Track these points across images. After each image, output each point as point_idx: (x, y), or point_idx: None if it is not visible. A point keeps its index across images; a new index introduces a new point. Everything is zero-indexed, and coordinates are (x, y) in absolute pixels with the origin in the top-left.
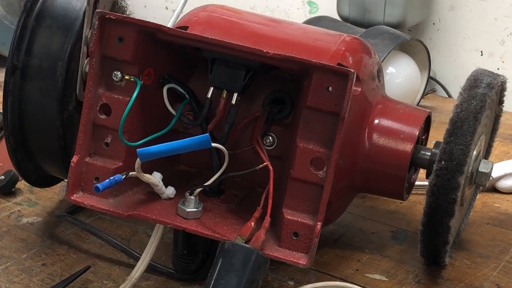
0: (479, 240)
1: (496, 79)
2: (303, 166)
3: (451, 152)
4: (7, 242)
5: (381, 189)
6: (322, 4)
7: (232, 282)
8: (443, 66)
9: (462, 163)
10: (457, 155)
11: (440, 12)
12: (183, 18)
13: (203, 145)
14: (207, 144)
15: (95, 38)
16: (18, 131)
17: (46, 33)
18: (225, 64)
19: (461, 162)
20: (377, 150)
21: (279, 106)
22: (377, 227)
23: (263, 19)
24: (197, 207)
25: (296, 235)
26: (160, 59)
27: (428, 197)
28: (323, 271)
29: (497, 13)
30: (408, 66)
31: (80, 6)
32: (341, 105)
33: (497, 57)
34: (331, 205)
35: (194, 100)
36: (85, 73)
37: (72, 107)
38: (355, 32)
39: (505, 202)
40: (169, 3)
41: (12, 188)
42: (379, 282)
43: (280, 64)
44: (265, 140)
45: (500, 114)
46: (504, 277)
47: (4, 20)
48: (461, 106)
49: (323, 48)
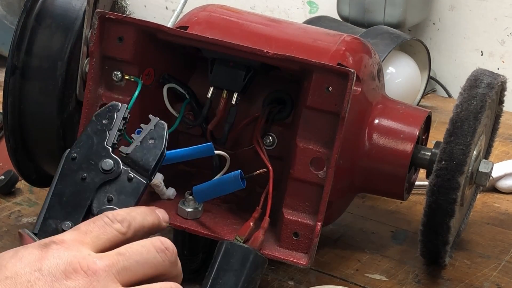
0: (479, 240)
1: (496, 79)
2: (303, 166)
3: (451, 152)
4: (7, 242)
5: (381, 189)
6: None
7: (230, 282)
8: (443, 66)
9: (462, 163)
10: (457, 155)
11: (440, 12)
12: (183, 18)
13: (206, 153)
14: (211, 152)
15: (95, 38)
16: (18, 131)
17: (46, 33)
18: (225, 64)
19: (461, 162)
20: (377, 150)
21: (279, 106)
22: (377, 227)
23: (263, 19)
24: (197, 207)
25: (296, 235)
26: (160, 59)
27: (428, 197)
28: (323, 271)
29: (497, 13)
30: (408, 66)
31: (80, 6)
32: (341, 105)
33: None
34: (331, 205)
35: (194, 100)
36: (85, 73)
37: (72, 107)
38: (355, 32)
39: (505, 202)
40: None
41: (12, 188)
42: (379, 282)
43: (280, 64)
44: (265, 140)
45: (500, 114)
46: (504, 277)
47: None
48: (461, 106)
49: (323, 48)
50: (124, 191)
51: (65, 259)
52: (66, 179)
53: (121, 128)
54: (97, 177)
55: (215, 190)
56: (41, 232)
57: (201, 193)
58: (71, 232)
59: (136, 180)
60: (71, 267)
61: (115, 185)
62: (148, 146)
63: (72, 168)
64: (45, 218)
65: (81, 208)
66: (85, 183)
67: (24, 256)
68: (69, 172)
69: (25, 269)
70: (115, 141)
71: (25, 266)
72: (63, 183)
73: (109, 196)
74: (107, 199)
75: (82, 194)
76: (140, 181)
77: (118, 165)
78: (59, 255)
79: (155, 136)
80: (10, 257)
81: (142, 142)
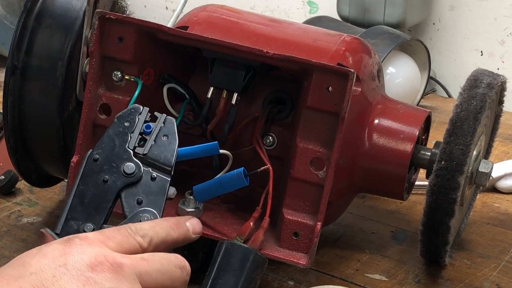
0: (479, 240)
1: (496, 79)
2: (303, 166)
3: (451, 152)
4: (7, 242)
5: (381, 189)
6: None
7: (229, 281)
8: (443, 66)
9: (462, 163)
10: (457, 155)
11: (440, 12)
12: (183, 18)
13: (211, 151)
14: (216, 151)
15: (95, 38)
16: (18, 131)
17: (46, 33)
18: (225, 64)
19: (461, 162)
20: (377, 150)
21: (279, 106)
22: (377, 227)
23: (263, 19)
24: (197, 207)
25: (296, 235)
26: (160, 59)
27: (428, 197)
28: (323, 271)
29: (497, 13)
30: (408, 66)
31: (80, 6)
32: (341, 105)
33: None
34: (331, 205)
35: (194, 100)
36: (85, 73)
37: (72, 107)
38: (355, 32)
39: (505, 202)
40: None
41: (12, 188)
42: (379, 282)
43: (280, 64)
44: (265, 140)
45: (500, 114)
46: (504, 277)
47: (4, 20)
48: (461, 106)
49: (323, 48)
50: (151, 191)
51: (90, 253)
52: (88, 180)
53: (142, 131)
54: (119, 180)
55: (217, 188)
56: (63, 232)
57: (202, 192)
58: (95, 233)
59: (159, 178)
60: (96, 260)
61: (141, 187)
62: (163, 143)
63: (94, 169)
64: (67, 218)
65: (103, 210)
66: (107, 185)
67: (48, 252)
68: (91, 173)
69: (49, 265)
70: (137, 144)
71: (50, 262)
72: (84, 184)
73: (138, 198)
74: (137, 202)
75: (104, 196)
76: (164, 178)
77: (140, 168)
78: (83, 250)
79: (167, 132)
80: (34, 254)
81: (156, 140)
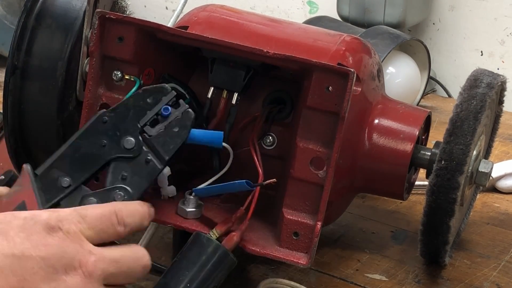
0: (479, 240)
1: (496, 79)
2: (303, 166)
3: (451, 152)
4: None
5: (381, 189)
6: (322, 4)
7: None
8: (443, 66)
9: (462, 162)
10: (457, 154)
11: (440, 12)
12: (183, 18)
13: (215, 141)
14: (219, 142)
15: (95, 38)
16: (18, 131)
17: (46, 33)
18: (225, 64)
19: (461, 162)
20: (377, 150)
21: (279, 106)
22: (377, 227)
23: (263, 19)
24: (197, 207)
25: (296, 235)
26: (160, 59)
27: (428, 197)
28: (323, 271)
29: (497, 13)
30: (408, 66)
31: (80, 6)
32: (341, 105)
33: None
34: (331, 205)
35: (194, 100)
36: (85, 73)
37: (72, 107)
38: (355, 32)
39: (505, 202)
40: (169, 3)
41: None
42: (379, 282)
43: (280, 64)
44: (265, 140)
45: (500, 114)
46: (504, 277)
47: (4, 20)
48: (461, 106)
49: (323, 48)
50: (139, 172)
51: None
52: (88, 137)
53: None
54: (115, 150)
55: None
56: (42, 177)
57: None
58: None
59: (152, 164)
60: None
61: (132, 165)
62: (171, 133)
63: (98, 129)
64: (52, 165)
65: (87, 171)
66: (102, 150)
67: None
68: (93, 132)
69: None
70: (148, 123)
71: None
72: (83, 139)
73: (123, 174)
74: (121, 177)
75: (95, 159)
76: (156, 166)
77: (139, 148)
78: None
79: (180, 124)
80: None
81: (167, 127)
